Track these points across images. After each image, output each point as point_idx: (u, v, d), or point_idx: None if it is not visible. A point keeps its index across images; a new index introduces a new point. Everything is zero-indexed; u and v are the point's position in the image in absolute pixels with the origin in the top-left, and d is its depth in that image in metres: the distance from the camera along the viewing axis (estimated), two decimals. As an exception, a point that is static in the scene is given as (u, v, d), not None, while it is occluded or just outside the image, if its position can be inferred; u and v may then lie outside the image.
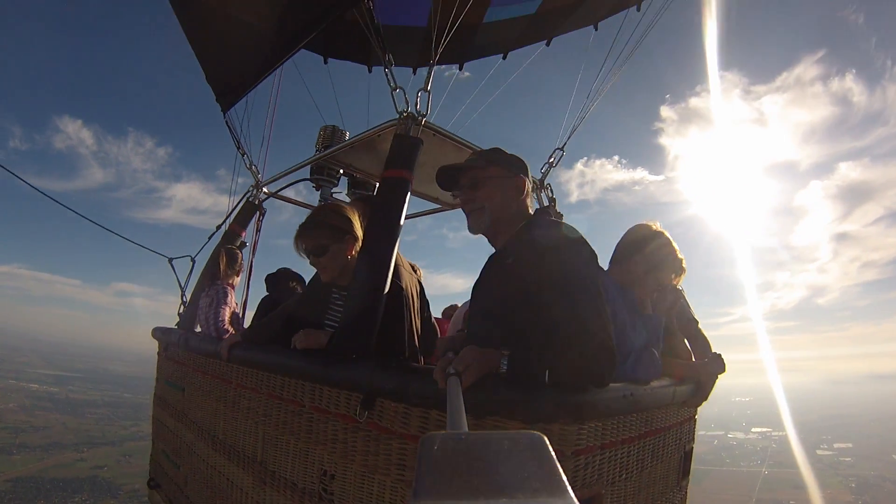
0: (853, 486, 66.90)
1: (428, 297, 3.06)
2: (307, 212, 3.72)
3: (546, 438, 0.52)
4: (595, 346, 1.66)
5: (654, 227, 2.64)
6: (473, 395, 1.54)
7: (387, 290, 2.36)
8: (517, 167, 2.19)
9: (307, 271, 4.98)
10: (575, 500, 0.44)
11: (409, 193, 2.60)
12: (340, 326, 2.39)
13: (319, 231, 2.69)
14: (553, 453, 0.50)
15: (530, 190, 2.20)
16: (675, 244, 2.61)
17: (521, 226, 2.11)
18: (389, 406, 1.98)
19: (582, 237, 1.98)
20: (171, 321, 4.56)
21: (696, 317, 3.02)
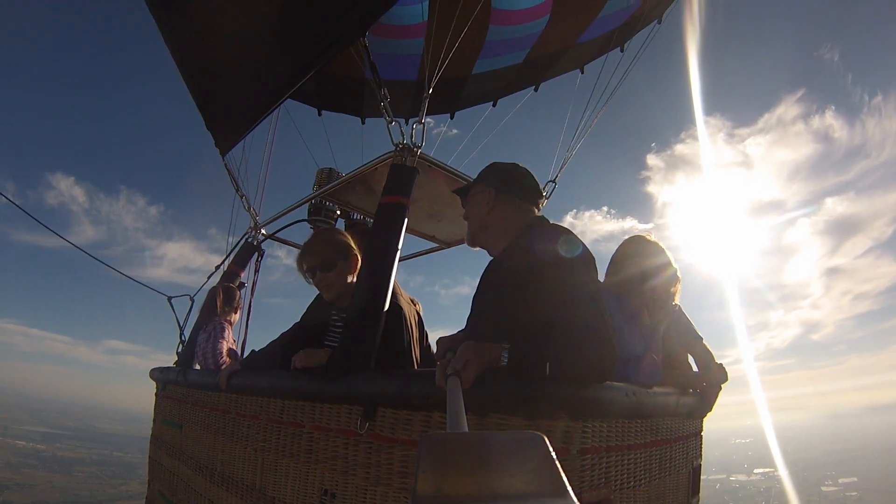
0: (861, 521, 65.55)
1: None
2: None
3: (546, 438, 0.52)
4: (595, 339, 1.67)
5: (647, 238, 2.69)
6: (475, 393, 1.54)
7: (386, 308, 2.39)
8: (491, 179, 2.26)
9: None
10: (575, 500, 0.44)
11: (406, 219, 2.65)
12: (340, 343, 2.42)
13: (328, 246, 2.77)
14: (553, 453, 0.50)
15: (517, 199, 2.23)
16: (669, 253, 2.65)
17: (519, 232, 2.14)
18: (391, 414, 1.98)
19: (580, 242, 1.99)
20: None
21: (699, 332, 3.04)
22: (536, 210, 2.27)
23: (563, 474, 0.47)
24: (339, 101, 5.07)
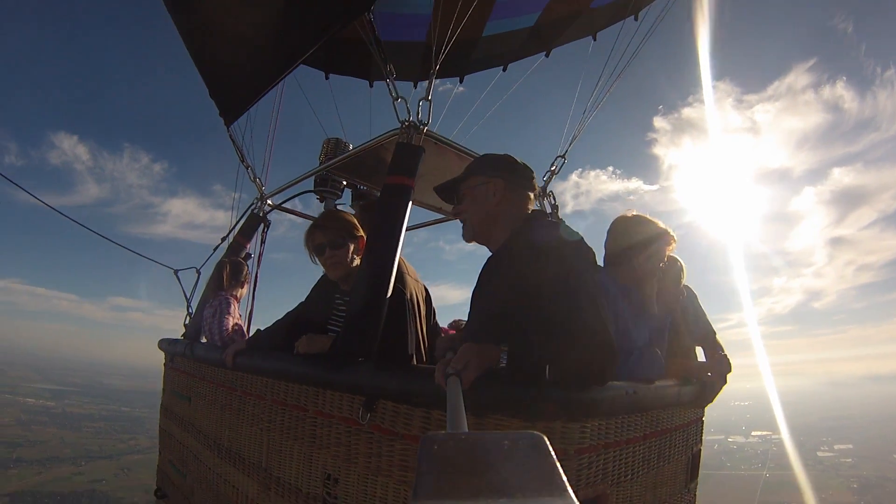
0: (855, 486, 66.56)
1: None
2: (307, 223, 3.77)
3: (546, 438, 0.52)
4: (595, 342, 1.66)
5: (629, 215, 2.65)
6: (475, 394, 1.55)
7: (389, 293, 2.37)
8: (494, 170, 2.21)
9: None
10: (575, 500, 0.44)
11: (410, 200, 2.63)
12: (342, 330, 2.41)
13: (339, 224, 2.77)
14: (553, 453, 0.50)
15: (523, 189, 2.21)
16: (654, 219, 2.60)
17: (518, 227, 2.11)
18: (391, 407, 1.99)
19: (579, 237, 1.99)
20: (170, 335, 4.55)
21: (712, 325, 3.02)
22: (534, 200, 2.26)
23: (563, 474, 0.47)
24: (347, 63, 4.95)
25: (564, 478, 0.47)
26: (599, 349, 1.67)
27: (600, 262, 2.64)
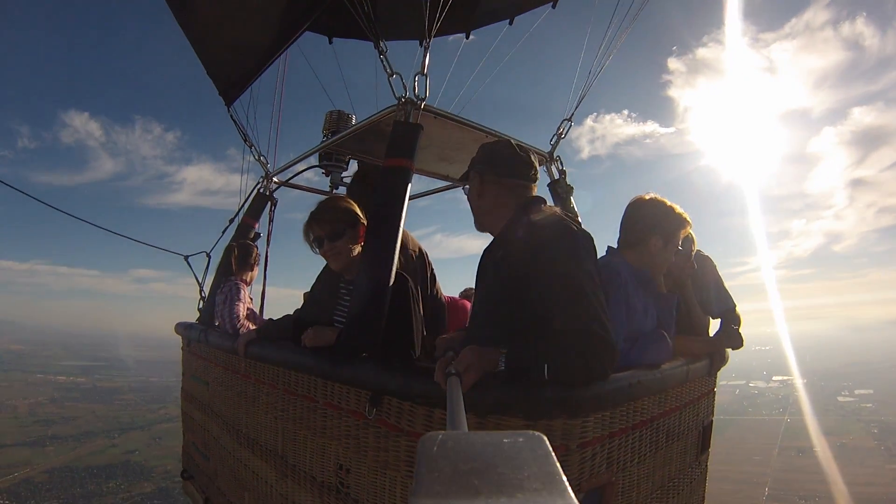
0: (875, 431, 67.07)
1: (445, 261, 3.07)
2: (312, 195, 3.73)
3: (546, 438, 0.52)
4: (591, 340, 1.64)
5: (646, 198, 2.59)
6: (475, 395, 1.57)
7: (391, 282, 2.37)
8: (478, 163, 2.23)
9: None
10: (575, 500, 0.43)
11: (410, 182, 2.60)
12: (346, 323, 2.42)
13: (335, 214, 2.71)
14: (553, 453, 0.50)
15: (509, 178, 2.18)
16: (671, 203, 2.54)
17: (509, 219, 2.11)
18: (396, 404, 2.00)
19: (568, 227, 1.93)
20: (191, 304, 4.61)
21: (732, 298, 2.99)
22: (529, 184, 2.21)
23: (562, 474, 0.46)
24: (350, 26, 4.82)
25: (564, 478, 0.46)
26: (596, 347, 1.65)
27: (613, 242, 2.60)
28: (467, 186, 2.30)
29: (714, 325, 3.01)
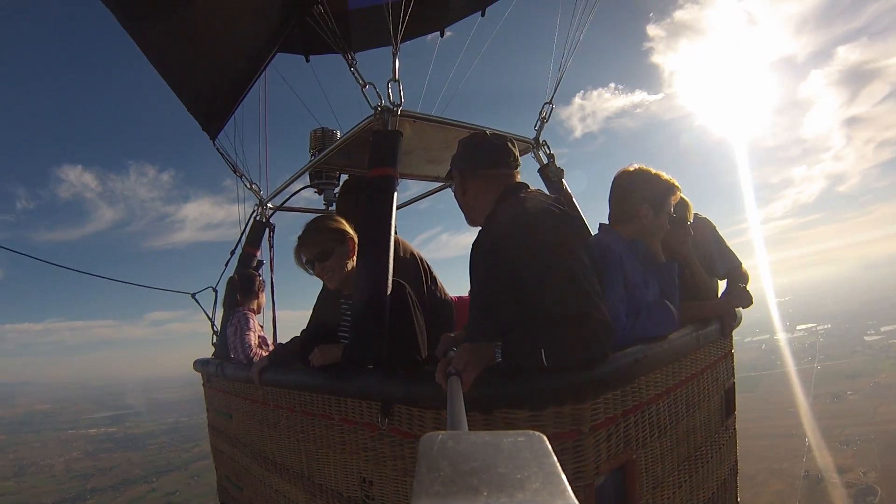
0: (909, 365, 66.57)
1: (453, 259, 3.09)
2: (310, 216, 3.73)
3: (546, 438, 0.52)
4: (586, 322, 1.63)
5: (631, 169, 2.56)
6: (479, 391, 1.58)
7: (388, 291, 2.38)
8: (455, 162, 2.26)
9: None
10: (575, 500, 0.44)
11: (396, 190, 2.62)
12: (350, 337, 2.44)
13: (321, 235, 2.71)
14: (553, 453, 0.50)
15: (488, 169, 2.19)
16: (658, 171, 2.52)
17: (489, 213, 2.11)
18: (405, 410, 2.02)
19: (550, 210, 1.92)
20: (207, 339, 4.64)
21: (737, 257, 2.97)
22: (510, 171, 2.21)
23: (562, 474, 0.47)
24: (324, 41, 4.82)
25: (564, 477, 0.46)
26: (590, 327, 1.64)
27: (604, 219, 2.58)
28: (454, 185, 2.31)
29: (722, 286, 2.99)
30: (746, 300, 2.78)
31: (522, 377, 1.61)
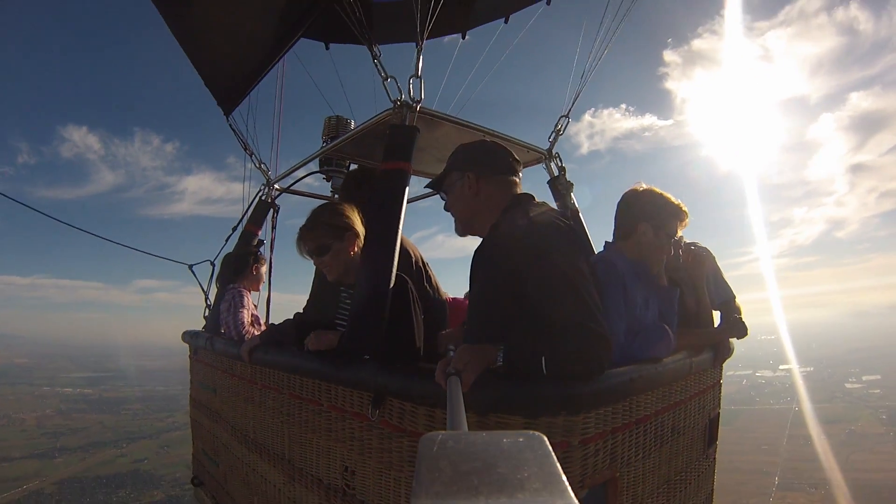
0: (884, 417, 66.62)
1: (447, 261, 3.10)
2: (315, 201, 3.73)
3: (546, 438, 0.52)
4: (586, 335, 1.65)
5: (639, 189, 2.57)
6: (476, 394, 1.59)
7: (391, 285, 2.38)
8: (465, 162, 2.21)
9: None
10: (575, 500, 0.44)
11: (408, 185, 2.62)
12: (348, 326, 2.43)
13: (319, 231, 2.70)
14: (553, 454, 0.50)
15: (501, 175, 2.19)
16: (666, 193, 2.52)
17: (497, 218, 2.10)
18: (398, 404, 2.02)
19: (559, 224, 1.95)
20: (194, 313, 4.63)
21: (731, 289, 2.99)
22: (518, 180, 2.23)
23: (562, 475, 0.47)
24: (346, 30, 4.81)
25: (564, 478, 0.46)
26: (590, 340, 1.65)
27: (608, 236, 2.60)
28: (451, 190, 2.25)
29: (715, 318, 3.02)
30: (742, 331, 2.81)
31: (520, 383, 1.62)
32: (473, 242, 2.24)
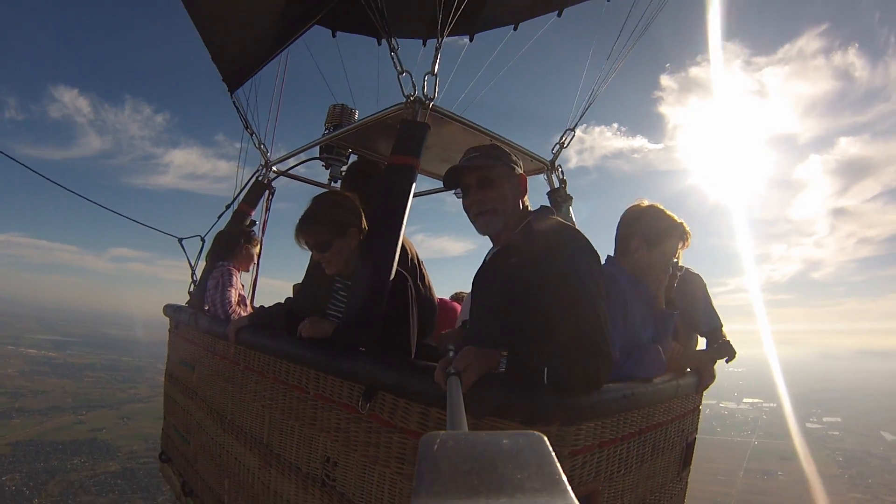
0: (840, 459, 67.80)
1: (426, 261, 3.09)
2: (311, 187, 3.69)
3: (546, 438, 0.52)
4: (591, 350, 1.68)
5: (642, 205, 2.57)
6: (473, 395, 1.57)
7: (391, 278, 2.37)
8: (514, 162, 2.15)
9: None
10: (575, 500, 0.44)
11: (415, 181, 2.61)
12: (345, 317, 2.42)
13: (321, 227, 2.63)
14: (553, 453, 0.50)
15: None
16: (669, 212, 2.52)
17: (524, 224, 2.08)
18: (390, 400, 2.00)
19: (584, 240, 1.97)
20: (170, 286, 4.59)
21: (719, 318, 3.00)
22: None
23: (563, 475, 0.47)
24: (354, 22, 4.80)
25: (564, 478, 0.47)
26: (594, 354, 1.68)
27: (610, 251, 2.62)
28: (497, 184, 2.11)
29: (701, 343, 3.06)
30: (730, 352, 2.82)
31: (519, 390, 1.63)
32: (452, 244, 2.19)
